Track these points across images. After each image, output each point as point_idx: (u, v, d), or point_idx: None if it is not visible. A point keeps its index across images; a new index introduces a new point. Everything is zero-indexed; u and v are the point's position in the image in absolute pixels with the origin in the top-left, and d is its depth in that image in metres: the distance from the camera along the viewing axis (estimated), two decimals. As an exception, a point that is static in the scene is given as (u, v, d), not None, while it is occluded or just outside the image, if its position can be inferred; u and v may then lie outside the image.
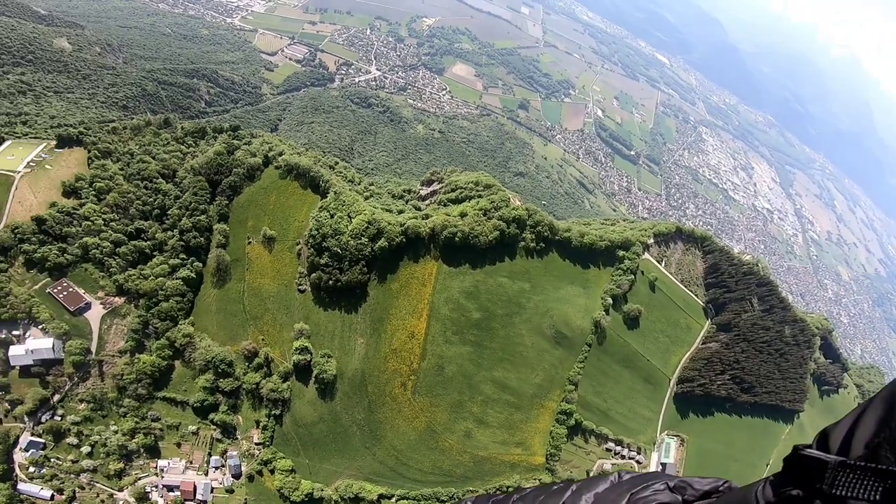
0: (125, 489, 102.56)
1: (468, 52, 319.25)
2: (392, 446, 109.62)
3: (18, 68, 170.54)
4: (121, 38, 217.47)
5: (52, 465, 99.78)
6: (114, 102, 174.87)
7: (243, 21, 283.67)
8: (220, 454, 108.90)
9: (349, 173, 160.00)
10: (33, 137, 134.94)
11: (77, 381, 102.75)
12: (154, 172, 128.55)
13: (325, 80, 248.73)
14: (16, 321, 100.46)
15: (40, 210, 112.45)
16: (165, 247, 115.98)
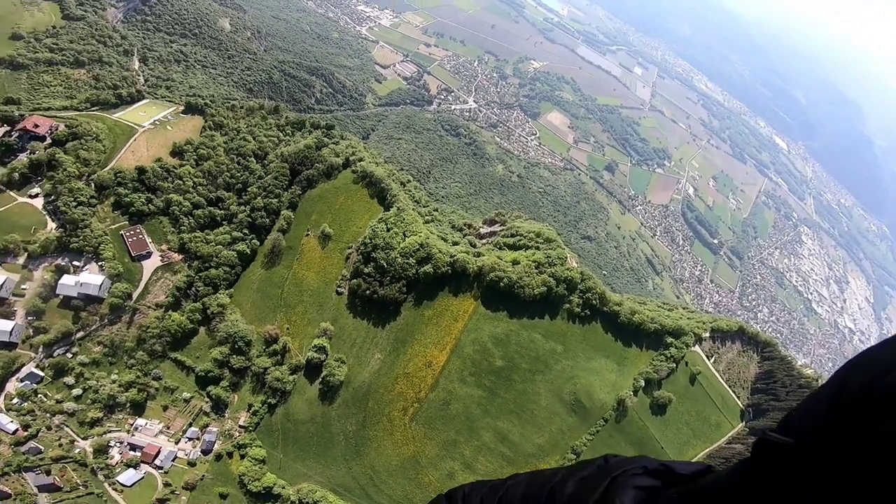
0: (89, 438, 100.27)
1: (567, 101, 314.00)
2: (371, 465, 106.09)
3: (183, 39, 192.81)
4: (269, 27, 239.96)
5: (36, 400, 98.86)
6: (243, 84, 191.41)
7: (369, 31, 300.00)
8: (201, 427, 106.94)
9: (418, 194, 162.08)
10: (168, 101, 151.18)
11: (105, 324, 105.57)
12: (249, 151, 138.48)
13: (424, 101, 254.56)
14: (82, 253, 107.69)
15: (146, 162, 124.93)
16: (235, 219, 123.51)
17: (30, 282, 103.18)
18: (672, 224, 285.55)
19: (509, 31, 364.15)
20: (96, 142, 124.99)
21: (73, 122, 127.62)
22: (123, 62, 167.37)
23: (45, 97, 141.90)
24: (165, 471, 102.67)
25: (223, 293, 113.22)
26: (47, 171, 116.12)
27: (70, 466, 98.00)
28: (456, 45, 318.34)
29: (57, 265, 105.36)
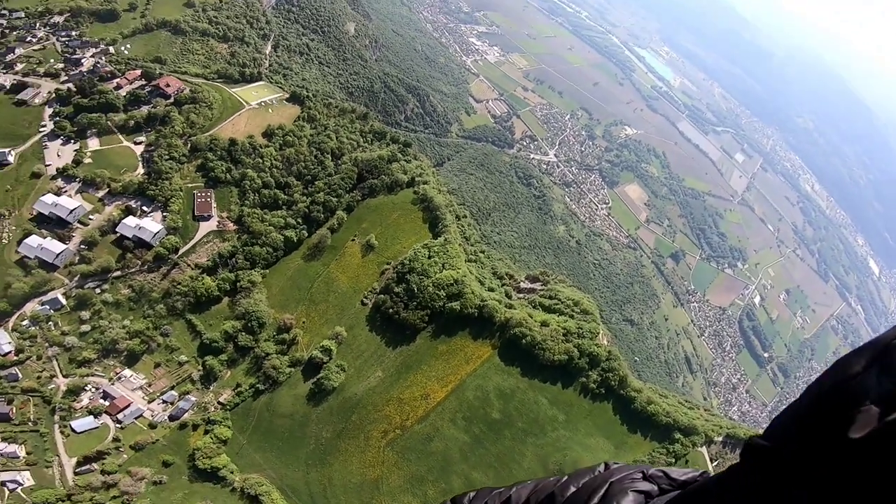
0: (69, 377, 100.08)
1: (651, 176, 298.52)
2: (330, 476, 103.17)
3: (312, 35, 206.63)
4: (386, 39, 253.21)
5: (44, 326, 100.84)
6: (347, 86, 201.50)
7: (473, 64, 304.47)
8: (181, 393, 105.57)
9: (470, 231, 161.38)
10: (279, 86, 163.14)
11: (143, 270, 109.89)
12: (329, 148, 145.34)
13: (506, 143, 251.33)
14: (153, 201, 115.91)
15: (239, 136, 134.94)
16: (294, 207, 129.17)
17: (98, 214, 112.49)
18: (724, 328, 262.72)
19: (611, 92, 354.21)
20: (208, 109, 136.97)
21: (197, 89, 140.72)
22: (259, 45, 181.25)
23: (186, 62, 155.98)
24: (123, 426, 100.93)
25: (258, 271, 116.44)
26: (158, 125, 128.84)
27: (34, 401, 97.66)
28: (553, 94, 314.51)
29: (127, 206, 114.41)
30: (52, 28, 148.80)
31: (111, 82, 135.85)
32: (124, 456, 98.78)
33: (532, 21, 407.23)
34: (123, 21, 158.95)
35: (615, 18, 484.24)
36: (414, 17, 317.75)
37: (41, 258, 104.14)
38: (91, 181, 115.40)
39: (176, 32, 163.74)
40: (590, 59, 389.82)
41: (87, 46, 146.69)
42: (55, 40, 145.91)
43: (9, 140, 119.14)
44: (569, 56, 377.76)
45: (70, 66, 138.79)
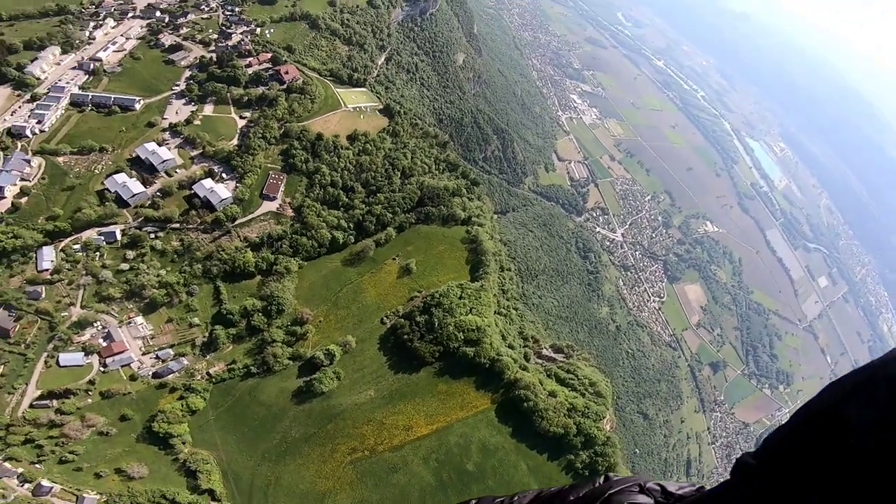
0: (84, 309, 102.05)
1: (717, 281, 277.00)
2: (278, 475, 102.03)
3: (424, 56, 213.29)
4: (489, 77, 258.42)
5: (90, 255, 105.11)
6: (438, 112, 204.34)
7: (567, 121, 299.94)
8: (177, 353, 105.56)
9: (509, 285, 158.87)
10: (378, 96, 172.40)
11: (198, 228, 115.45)
12: (401, 166, 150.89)
13: (575, 209, 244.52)
14: (233, 170, 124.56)
15: (326, 133, 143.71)
16: (350, 211, 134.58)
17: (184, 170, 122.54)
18: (738, 442, 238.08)
19: (704, 182, 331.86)
20: (310, 102, 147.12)
21: (308, 81, 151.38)
22: (374, 54, 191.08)
23: (309, 55, 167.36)
24: (105, 371, 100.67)
25: (296, 261, 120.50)
26: (265, 106, 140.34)
27: (41, 324, 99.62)
28: (639, 170, 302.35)
29: (210, 169, 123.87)
30: (224, 1, 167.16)
31: (245, 60, 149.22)
32: (89, 400, 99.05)
33: (641, 90, 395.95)
34: (277, 7, 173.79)
35: (734, 103, 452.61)
36: (523, 61, 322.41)
37: (119, 194, 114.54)
38: (191, 140, 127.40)
39: (312, 27, 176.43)
40: (692, 141, 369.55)
41: (241, 24, 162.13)
42: (221, 13, 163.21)
43: (144, 91, 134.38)
44: (669, 133, 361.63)
45: (221, 39, 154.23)
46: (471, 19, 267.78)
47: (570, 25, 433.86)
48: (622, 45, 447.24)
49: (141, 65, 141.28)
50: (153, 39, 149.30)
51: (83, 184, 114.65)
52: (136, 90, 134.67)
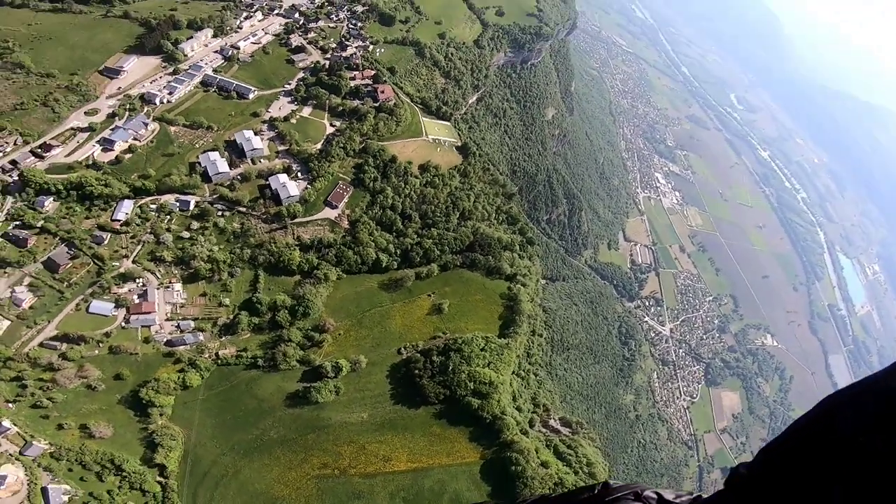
0: (133, 264, 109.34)
1: (760, 393, 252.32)
2: (237, 469, 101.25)
3: (514, 104, 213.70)
4: (573, 138, 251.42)
5: (159, 217, 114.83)
6: (513, 162, 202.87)
7: (644, 200, 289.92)
8: (196, 328, 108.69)
9: (536, 351, 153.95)
10: (458, 132, 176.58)
11: (260, 217, 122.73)
12: (461, 206, 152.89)
13: (627, 293, 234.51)
14: (309, 172, 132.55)
15: (401, 157, 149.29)
16: (402, 238, 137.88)
17: (267, 161, 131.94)
18: None
19: (777, 293, 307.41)
20: (395, 124, 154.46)
21: (400, 105, 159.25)
22: (467, 92, 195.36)
23: (407, 80, 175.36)
24: (125, 327, 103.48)
25: (337, 271, 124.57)
26: (354, 119, 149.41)
27: (89, 268, 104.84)
28: (708, 268, 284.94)
29: (289, 166, 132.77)
30: (351, 14, 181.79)
31: (352, 73, 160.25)
32: (96, 351, 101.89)
33: (734, 180, 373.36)
34: (393, 29, 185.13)
35: (837, 211, 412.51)
36: (614, 129, 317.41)
37: (207, 169, 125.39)
38: (282, 136, 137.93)
39: (418, 54, 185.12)
40: (777, 247, 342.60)
41: (358, 39, 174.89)
42: (345, 25, 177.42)
43: (261, 83, 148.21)
44: (753, 234, 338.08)
45: (338, 49, 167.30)
46: (570, 77, 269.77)
47: (673, 100, 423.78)
48: (726, 129, 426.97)
49: (267, 59, 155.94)
50: (285, 38, 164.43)
51: (181, 154, 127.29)
52: (255, 81, 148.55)
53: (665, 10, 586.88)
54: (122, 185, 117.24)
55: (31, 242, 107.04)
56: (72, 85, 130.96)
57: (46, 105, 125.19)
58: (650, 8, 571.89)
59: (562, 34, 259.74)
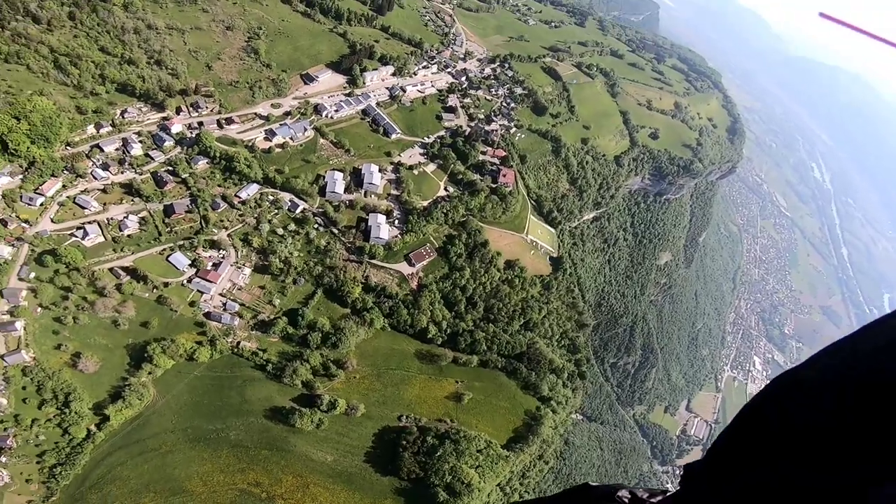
0: (229, 238, 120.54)
1: None
2: (171, 448, 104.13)
3: (631, 234, 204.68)
4: (678, 291, 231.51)
5: (279, 206, 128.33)
6: (603, 294, 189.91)
7: (727, 380, 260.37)
8: (237, 314, 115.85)
9: (534, 475, 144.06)
10: (560, 243, 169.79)
11: (345, 244, 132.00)
12: (529, 317, 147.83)
13: (662, 456, 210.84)
14: (405, 223, 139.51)
15: (492, 245, 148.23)
16: (458, 321, 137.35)
17: (377, 199, 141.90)
18: None
19: None
20: (501, 211, 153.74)
21: (514, 194, 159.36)
22: (585, 206, 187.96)
23: (532, 173, 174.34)
24: (184, 284, 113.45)
25: (384, 321, 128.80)
26: (467, 191, 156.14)
27: (194, 225, 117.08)
28: None
29: (391, 210, 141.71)
30: (509, 93, 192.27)
31: (485, 147, 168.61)
32: (146, 295, 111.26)
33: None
34: (541, 119, 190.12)
35: None
36: (729, 297, 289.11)
37: (326, 184, 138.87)
38: (399, 182, 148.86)
39: (554, 151, 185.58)
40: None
41: (506, 118, 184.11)
42: (501, 102, 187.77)
43: (406, 128, 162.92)
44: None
45: (483, 121, 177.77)
46: (704, 226, 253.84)
47: (815, 284, 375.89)
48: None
49: (421, 109, 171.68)
50: (444, 95, 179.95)
51: (315, 164, 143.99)
52: (402, 124, 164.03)
53: (853, 175, 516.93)
54: (259, 171, 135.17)
55: (168, 187, 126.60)
56: (277, 79, 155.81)
57: (251, 89, 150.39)
58: (833, 169, 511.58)
59: (714, 176, 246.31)
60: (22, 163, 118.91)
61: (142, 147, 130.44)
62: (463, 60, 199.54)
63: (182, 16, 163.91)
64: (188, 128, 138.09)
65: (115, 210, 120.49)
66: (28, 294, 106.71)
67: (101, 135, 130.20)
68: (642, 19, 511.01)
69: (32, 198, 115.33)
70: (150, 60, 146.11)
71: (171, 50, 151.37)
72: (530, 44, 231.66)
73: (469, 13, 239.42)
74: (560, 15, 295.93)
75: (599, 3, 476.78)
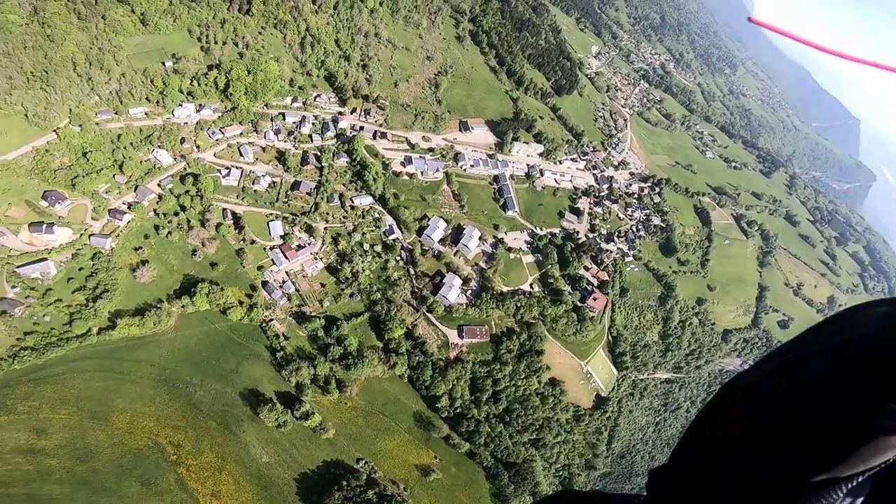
0: (323, 229, 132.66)
1: None
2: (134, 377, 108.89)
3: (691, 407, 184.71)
4: None
5: (370, 227, 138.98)
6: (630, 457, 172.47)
7: None
8: (288, 296, 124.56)
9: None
10: (617, 386, 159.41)
11: (413, 287, 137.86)
12: (544, 436, 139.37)
13: None
14: (477, 296, 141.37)
15: (545, 358, 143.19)
16: (474, 407, 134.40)
17: (463, 261, 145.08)
18: None
19: None
20: (573, 331, 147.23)
21: (595, 322, 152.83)
22: (665, 367, 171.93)
23: (625, 311, 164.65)
24: (265, 249, 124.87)
25: (406, 371, 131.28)
26: (552, 295, 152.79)
27: (305, 207, 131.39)
28: None
29: (470, 279, 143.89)
30: (644, 220, 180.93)
31: (591, 265, 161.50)
32: (233, 243, 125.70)
33: None
34: (666, 260, 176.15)
35: None
36: None
37: (429, 228, 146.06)
38: (492, 257, 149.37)
39: (661, 299, 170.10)
40: None
41: (628, 244, 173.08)
42: (631, 225, 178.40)
43: (524, 211, 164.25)
44: None
45: (602, 237, 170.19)
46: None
47: None
48: None
49: (548, 199, 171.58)
50: (577, 195, 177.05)
51: (428, 204, 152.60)
52: (524, 206, 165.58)
53: None
54: (381, 188, 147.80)
55: (307, 167, 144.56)
56: (439, 116, 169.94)
57: (415, 116, 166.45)
58: None
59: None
60: (228, 105, 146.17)
61: (310, 129, 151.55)
62: (615, 168, 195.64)
63: (402, 34, 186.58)
64: (351, 128, 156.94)
65: (260, 167, 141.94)
66: (154, 198, 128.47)
67: (290, 107, 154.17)
68: (847, 189, 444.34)
69: (214, 132, 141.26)
70: (360, 62, 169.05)
71: (379, 59, 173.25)
72: (696, 177, 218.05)
73: (646, 124, 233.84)
74: (747, 157, 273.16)
75: (802, 158, 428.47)
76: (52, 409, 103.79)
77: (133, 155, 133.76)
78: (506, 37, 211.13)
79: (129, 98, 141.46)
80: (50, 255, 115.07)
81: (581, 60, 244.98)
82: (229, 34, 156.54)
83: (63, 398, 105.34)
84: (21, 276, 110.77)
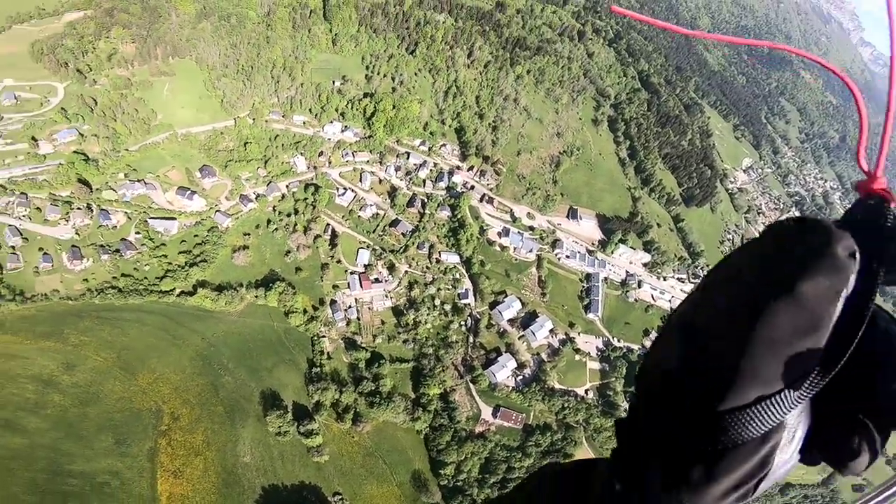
0: (403, 258, 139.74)
1: None
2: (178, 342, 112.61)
3: None
4: None
5: (442, 256, 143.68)
6: None
7: None
8: (349, 321, 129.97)
9: None
10: None
11: (467, 353, 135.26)
12: None
13: None
14: (525, 386, 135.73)
15: None
16: (476, 487, 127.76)
17: (528, 347, 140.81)
18: None
19: None
20: (614, 442, 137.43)
21: None
22: None
23: None
24: (345, 271, 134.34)
25: (426, 430, 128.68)
26: (604, 406, 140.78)
27: (382, 222, 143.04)
28: None
29: (529, 364, 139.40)
30: None
31: None
32: (321, 256, 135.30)
33: None
34: None
35: None
36: None
37: (502, 305, 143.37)
38: (558, 351, 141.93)
39: None
40: None
41: None
42: None
43: (606, 319, 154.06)
44: None
45: None
46: None
47: None
48: None
49: (637, 313, 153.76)
50: (623, 289, 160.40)
51: (510, 281, 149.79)
52: (608, 312, 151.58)
53: None
54: (469, 251, 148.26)
55: (411, 210, 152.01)
56: (550, 196, 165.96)
57: (528, 190, 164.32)
58: None
59: None
60: (367, 132, 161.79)
61: (427, 174, 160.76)
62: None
63: (540, 105, 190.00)
64: (463, 184, 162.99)
65: (371, 196, 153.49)
66: (278, 195, 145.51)
67: (417, 148, 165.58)
68: None
69: (347, 153, 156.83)
70: (492, 122, 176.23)
71: (510, 125, 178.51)
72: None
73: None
74: None
75: None
76: (95, 350, 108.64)
77: (279, 155, 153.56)
78: (646, 129, 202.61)
79: (297, 105, 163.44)
80: (179, 217, 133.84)
81: (725, 172, 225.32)
82: (391, 69, 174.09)
83: (111, 342, 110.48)
84: (148, 227, 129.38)
